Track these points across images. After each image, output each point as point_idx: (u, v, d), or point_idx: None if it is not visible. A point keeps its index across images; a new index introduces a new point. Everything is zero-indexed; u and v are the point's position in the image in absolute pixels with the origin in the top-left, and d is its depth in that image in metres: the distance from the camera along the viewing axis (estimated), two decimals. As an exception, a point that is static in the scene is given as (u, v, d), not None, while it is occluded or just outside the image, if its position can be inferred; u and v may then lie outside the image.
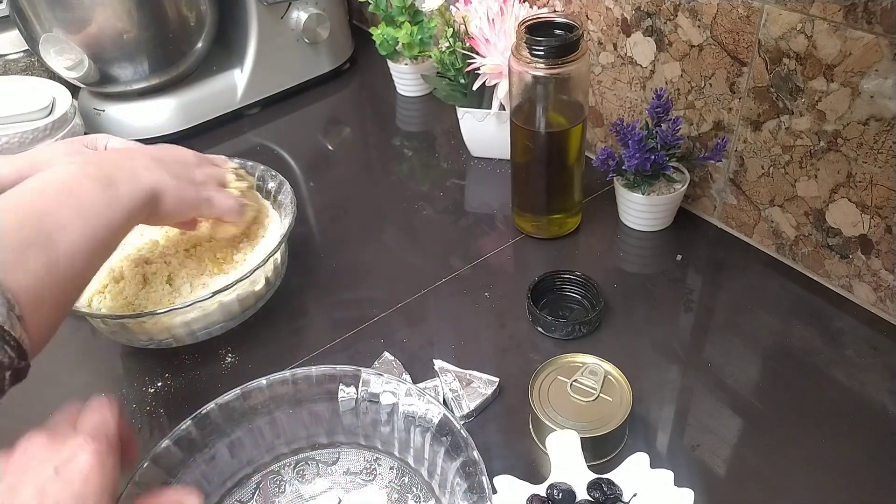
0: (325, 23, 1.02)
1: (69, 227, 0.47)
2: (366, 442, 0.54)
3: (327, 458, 0.54)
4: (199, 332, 0.64)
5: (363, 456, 0.54)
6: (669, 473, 0.49)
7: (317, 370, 0.52)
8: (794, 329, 0.64)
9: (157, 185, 0.55)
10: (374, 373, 0.51)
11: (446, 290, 0.71)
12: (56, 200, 0.48)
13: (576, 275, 0.68)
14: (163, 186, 0.56)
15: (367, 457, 0.54)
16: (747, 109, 0.67)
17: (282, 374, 0.52)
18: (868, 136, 0.59)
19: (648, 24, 0.72)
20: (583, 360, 0.58)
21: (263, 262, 0.63)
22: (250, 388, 0.51)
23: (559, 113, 0.69)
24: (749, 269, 0.71)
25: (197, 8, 0.91)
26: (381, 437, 0.53)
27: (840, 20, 0.56)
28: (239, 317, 0.66)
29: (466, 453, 0.46)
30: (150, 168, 0.56)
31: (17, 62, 1.01)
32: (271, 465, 0.53)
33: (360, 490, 0.53)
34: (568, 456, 0.50)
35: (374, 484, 0.53)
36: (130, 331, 0.62)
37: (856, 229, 0.63)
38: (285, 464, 0.54)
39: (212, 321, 0.64)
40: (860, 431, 0.56)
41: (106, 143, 0.69)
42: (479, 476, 0.45)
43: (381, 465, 0.54)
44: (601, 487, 0.48)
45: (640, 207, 0.74)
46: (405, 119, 1.02)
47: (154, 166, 0.56)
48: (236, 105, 1.01)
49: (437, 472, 0.49)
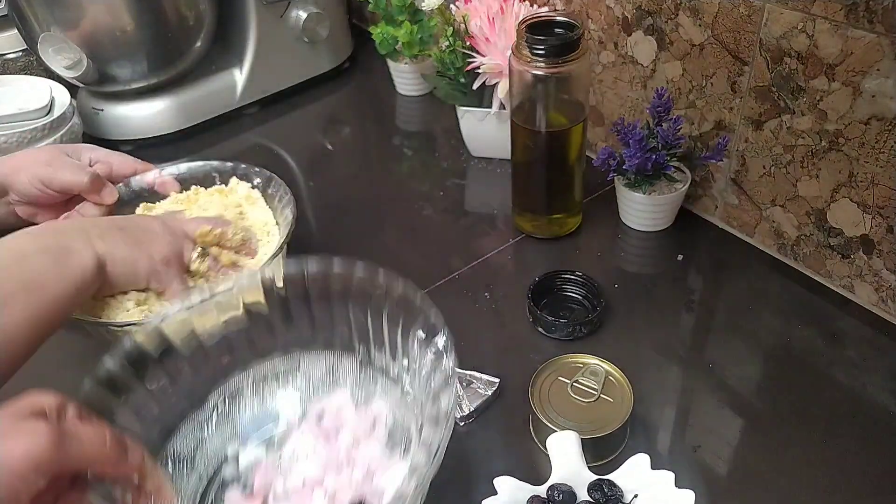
0: (324, 22, 1.02)
1: (10, 303, 0.47)
2: (325, 346, 0.53)
3: (288, 365, 0.54)
4: None
5: (324, 358, 0.54)
6: (670, 474, 0.48)
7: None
8: (796, 329, 0.64)
9: (107, 254, 0.54)
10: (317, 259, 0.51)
11: (446, 290, 0.71)
12: (3, 272, 0.48)
13: (576, 275, 0.68)
14: (114, 256, 0.54)
15: (328, 358, 0.54)
16: (748, 109, 0.67)
17: None
18: (869, 135, 0.58)
19: (649, 23, 0.72)
20: (583, 361, 0.57)
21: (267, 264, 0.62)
22: None
23: (560, 112, 0.68)
24: (750, 270, 0.71)
25: (196, 7, 0.91)
26: (340, 336, 0.52)
27: (841, 19, 0.56)
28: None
29: (424, 318, 0.46)
30: (105, 237, 0.55)
31: (16, 61, 1.01)
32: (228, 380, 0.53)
33: (327, 395, 0.53)
34: (568, 457, 0.50)
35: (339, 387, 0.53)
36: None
37: (857, 229, 0.63)
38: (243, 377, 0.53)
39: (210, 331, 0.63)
40: (862, 432, 0.55)
41: (91, 154, 0.68)
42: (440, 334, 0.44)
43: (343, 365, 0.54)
44: (602, 489, 0.48)
45: (640, 207, 0.74)
46: (405, 118, 1.02)
47: (110, 235, 0.55)
48: (235, 104, 1.00)
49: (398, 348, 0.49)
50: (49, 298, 0.49)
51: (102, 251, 0.54)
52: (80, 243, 0.53)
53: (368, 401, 0.52)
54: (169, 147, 0.95)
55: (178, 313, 0.49)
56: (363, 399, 0.52)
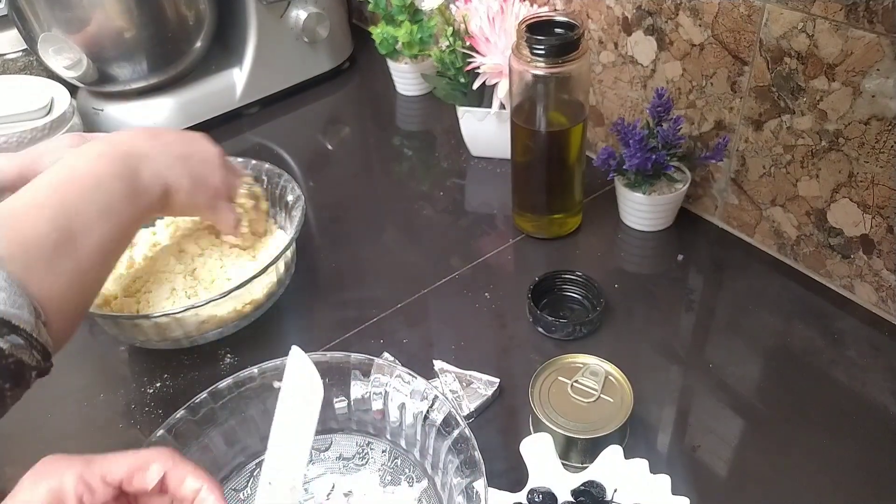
0: (324, 22, 1.02)
1: (95, 228, 0.48)
2: (357, 427, 0.54)
3: (320, 444, 0.55)
4: (211, 332, 0.64)
5: (355, 441, 0.55)
6: (666, 478, 0.48)
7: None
8: (796, 329, 0.64)
9: (173, 184, 0.57)
10: (364, 358, 0.52)
11: (446, 290, 0.71)
12: (84, 196, 0.49)
13: (576, 275, 0.68)
14: (178, 187, 0.57)
15: (358, 441, 0.55)
16: (748, 109, 0.67)
17: (273, 362, 0.52)
18: (869, 135, 0.58)
19: (649, 23, 0.72)
20: (583, 361, 0.57)
21: (276, 260, 0.63)
22: (243, 377, 0.51)
23: (560, 112, 0.68)
24: (750, 269, 0.71)
25: (196, 7, 0.91)
26: (372, 422, 0.53)
27: (841, 19, 0.56)
28: (251, 315, 0.66)
29: (458, 430, 0.46)
30: (172, 166, 0.57)
31: (16, 61, 1.00)
32: (265, 452, 0.53)
33: (354, 474, 0.53)
34: (544, 459, 0.50)
35: (366, 468, 0.54)
36: (143, 330, 0.62)
37: (857, 229, 0.63)
38: None
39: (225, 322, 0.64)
40: (862, 432, 0.55)
41: None
42: (471, 452, 0.45)
43: (373, 448, 0.54)
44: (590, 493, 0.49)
45: (640, 207, 0.74)
46: (405, 118, 1.02)
47: (177, 165, 0.58)
48: (235, 104, 1.00)
49: (430, 451, 0.50)
50: (123, 224, 0.51)
51: (169, 181, 0.57)
52: (149, 171, 0.55)
53: (395, 484, 0.52)
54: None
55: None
56: (389, 482, 0.53)
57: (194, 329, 0.62)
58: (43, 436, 0.60)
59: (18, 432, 0.60)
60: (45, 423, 0.61)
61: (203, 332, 0.63)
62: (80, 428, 0.61)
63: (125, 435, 0.59)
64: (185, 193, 0.58)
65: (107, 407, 0.62)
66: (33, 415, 0.61)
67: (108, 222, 0.49)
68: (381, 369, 0.52)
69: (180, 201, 0.58)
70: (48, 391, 0.63)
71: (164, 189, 0.56)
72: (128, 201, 0.52)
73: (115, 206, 0.50)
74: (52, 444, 0.59)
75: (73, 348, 0.68)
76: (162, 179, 0.56)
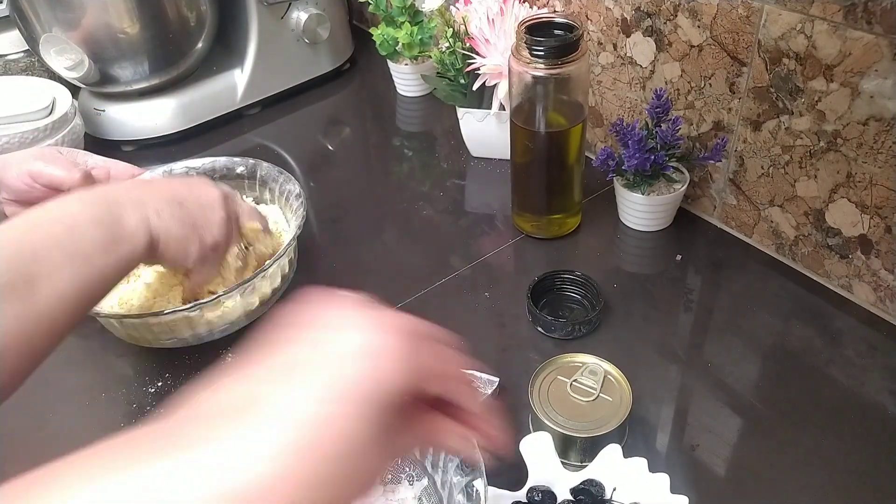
0: (325, 23, 1.02)
1: (56, 275, 0.45)
2: None
3: None
4: (217, 330, 0.64)
5: None
6: (665, 477, 0.49)
7: None
8: (794, 329, 0.64)
9: (161, 233, 0.52)
10: None
11: (446, 289, 0.71)
12: (50, 240, 0.45)
13: (576, 275, 0.68)
14: (168, 235, 0.53)
15: None
16: (747, 109, 0.67)
17: None
18: (868, 136, 0.59)
19: (648, 25, 0.72)
20: (583, 360, 0.58)
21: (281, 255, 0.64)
22: None
23: (559, 113, 0.69)
24: (749, 269, 0.71)
25: (197, 8, 0.91)
26: None
27: (840, 20, 0.56)
28: (257, 311, 0.66)
29: None
30: (162, 213, 0.52)
31: (18, 62, 1.01)
32: None
33: None
34: (543, 458, 0.50)
35: None
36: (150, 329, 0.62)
37: (855, 229, 0.63)
38: None
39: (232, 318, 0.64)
40: (860, 431, 0.56)
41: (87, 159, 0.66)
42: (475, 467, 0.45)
43: None
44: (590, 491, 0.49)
45: (639, 207, 0.74)
46: (405, 119, 1.02)
47: (168, 211, 0.53)
48: (236, 105, 1.01)
49: (430, 450, 0.50)
50: (96, 272, 0.47)
51: (157, 229, 0.52)
52: (135, 218, 0.50)
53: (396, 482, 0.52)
54: (170, 148, 0.95)
55: None
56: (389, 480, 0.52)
57: (204, 327, 0.63)
58: (43, 435, 0.60)
59: (19, 432, 0.60)
60: (45, 423, 0.61)
61: (212, 328, 0.64)
62: (81, 427, 0.61)
63: (126, 434, 0.60)
64: (176, 242, 0.53)
65: (108, 406, 0.62)
66: (34, 414, 0.62)
67: (77, 269, 0.46)
68: None
69: (171, 251, 0.53)
70: (49, 390, 0.64)
71: (150, 237, 0.51)
72: (104, 249, 0.47)
73: (88, 253, 0.46)
74: (52, 443, 0.59)
75: (75, 348, 0.69)
76: (148, 226, 0.51)
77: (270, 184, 0.75)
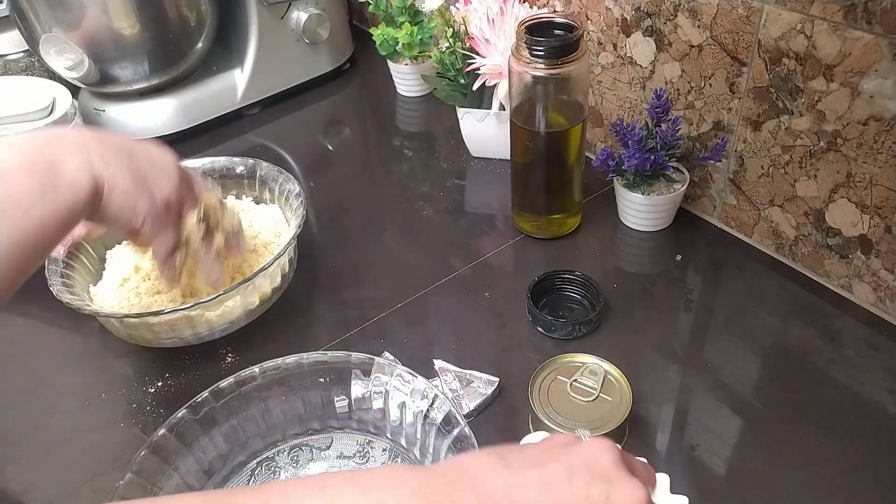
0: (325, 23, 1.02)
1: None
2: (358, 426, 0.54)
3: (320, 443, 0.55)
4: (218, 329, 0.65)
5: (356, 439, 0.55)
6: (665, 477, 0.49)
7: (308, 358, 0.53)
8: (794, 329, 0.64)
9: (107, 179, 0.47)
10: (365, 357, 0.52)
11: (446, 290, 0.71)
12: None
13: (576, 275, 0.68)
14: (114, 183, 0.48)
15: (359, 440, 0.55)
16: (747, 109, 0.67)
17: (273, 361, 0.52)
18: (868, 136, 0.59)
19: (648, 25, 0.72)
20: (583, 360, 0.58)
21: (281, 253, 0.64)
22: (244, 376, 0.52)
23: (559, 113, 0.69)
24: (749, 269, 0.71)
25: (197, 8, 0.91)
26: (373, 421, 0.54)
27: (840, 20, 0.56)
28: (257, 310, 0.67)
29: (458, 429, 0.47)
30: (108, 159, 0.47)
31: (18, 62, 1.01)
32: (266, 451, 0.54)
33: None
34: None
35: (367, 466, 0.54)
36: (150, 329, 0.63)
37: (855, 229, 0.63)
38: (279, 450, 0.54)
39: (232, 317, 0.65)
40: (860, 431, 0.56)
41: None
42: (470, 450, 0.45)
43: (373, 447, 0.55)
44: None
45: (639, 207, 0.74)
46: (405, 119, 1.02)
47: (114, 158, 0.48)
48: (236, 105, 1.01)
49: (430, 450, 0.50)
50: (33, 223, 0.43)
51: (101, 175, 0.47)
52: (76, 160, 0.46)
53: None
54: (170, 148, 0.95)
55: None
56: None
57: (205, 326, 0.63)
58: (44, 435, 0.60)
59: (19, 432, 0.60)
60: (46, 423, 0.61)
61: (212, 328, 0.64)
62: (81, 427, 0.61)
63: (127, 434, 0.60)
64: (122, 193, 0.48)
65: (108, 406, 0.62)
66: (34, 414, 0.62)
67: (11, 219, 0.42)
68: (382, 368, 0.52)
69: (116, 202, 0.48)
70: (50, 390, 0.64)
71: (94, 184, 0.46)
72: (41, 197, 0.43)
73: (19, 201, 0.43)
74: (52, 443, 0.59)
75: (75, 348, 0.69)
76: (92, 171, 0.46)
77: (270, 183, 0.75)
